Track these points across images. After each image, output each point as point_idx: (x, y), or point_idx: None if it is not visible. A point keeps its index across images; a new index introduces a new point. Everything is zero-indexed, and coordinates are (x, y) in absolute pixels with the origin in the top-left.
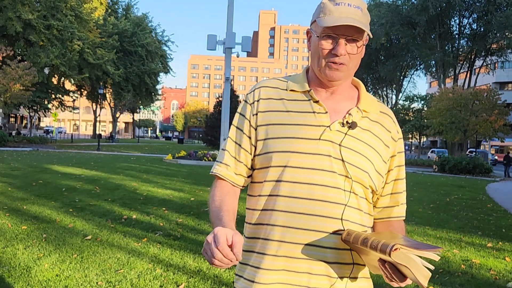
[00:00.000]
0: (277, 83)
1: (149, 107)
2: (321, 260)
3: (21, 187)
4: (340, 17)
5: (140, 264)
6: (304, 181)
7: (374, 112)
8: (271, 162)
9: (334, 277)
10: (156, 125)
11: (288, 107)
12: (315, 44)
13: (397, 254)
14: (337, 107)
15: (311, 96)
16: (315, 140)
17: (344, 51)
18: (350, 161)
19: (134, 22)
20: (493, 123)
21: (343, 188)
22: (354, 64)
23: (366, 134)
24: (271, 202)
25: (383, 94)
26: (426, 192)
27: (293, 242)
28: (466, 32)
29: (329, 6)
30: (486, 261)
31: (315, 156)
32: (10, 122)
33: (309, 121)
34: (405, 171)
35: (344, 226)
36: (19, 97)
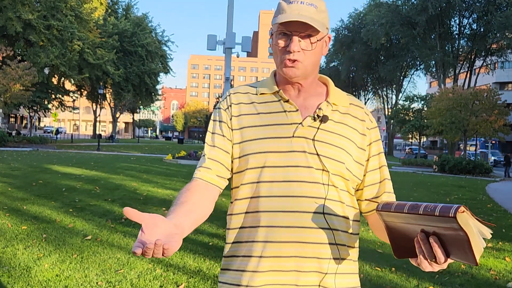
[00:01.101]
0: (247, 88)
1: (149, 107)
2: (309, 256)
3: (21, 187)
4: (291, 14)
5: (140, 264)
6: (281, 179)
7: (344, 104)
8: (247, 164)
9: (323, 272)
10: (156, 125)
11: (259, 110)
12: (273, 43)
13: (462, 216)
14: (306, 103)
15: (280, 96)
16: (288, 138)
17: (297, 48)
18: (325, 154)
19: (134, 22)
20: (493, 123)
21: (321, 182)
22: (311, 61)
23: (339, 126)
24: (252, 204)
25: (383, 94)
26: (426, 192)
27: (278, 241)
28: (466, 32)
29: (283, 5)
30: (486, 261)
31: (290, 154)
32: (10, 122)
33: (281, 120)
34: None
35: (327, 220)
36: (19, 97)
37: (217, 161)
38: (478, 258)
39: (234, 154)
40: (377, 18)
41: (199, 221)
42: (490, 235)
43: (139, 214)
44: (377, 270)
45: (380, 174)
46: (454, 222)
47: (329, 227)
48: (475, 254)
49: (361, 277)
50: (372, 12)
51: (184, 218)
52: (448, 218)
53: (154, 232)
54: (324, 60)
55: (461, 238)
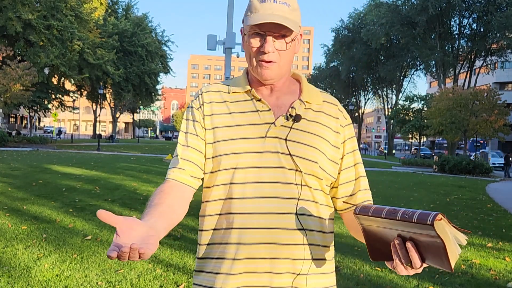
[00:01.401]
0: (220, 87)
1: (149, 107)
2: (282, 258)
3: (21, 187)
4: (265, 14)
5: (140, 264)
6: (254, 180)
7: (317, 102)
8: (220, 165)
9: (296, 273)
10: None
11: (231, 109)
12: (245, 43)
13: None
14: (279, 102)
15: (253, 95)
16: (261, 138)
17: (272, 48)
18: (298, 154)
19: (134, 22)
20: (493, 123)
21: (294, 183)
22: (286, 60)
23: (312, 125)
24: (225, 206)
25: (383, 94)
26: (426, 192)
27: (251, 243)
28: (466, 32)
29: (255, 4)
30: (486, 261)
31: (263, 154)
32: (10, 122)
33: (254, 120)
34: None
35: (300, 221)
36: (19, 97)
37: (190, 161)
38: (453, 265)
39: (207, 154)
40: (377, 18)
41: (174, 223)
42: (466, 242)
43: (113, 217)
44: (377, 270)
45: (355, 171)
46: (431, 229)
47: (302, 227)
48: (451, 260)
49: (361, 277)
50: (372, 12)
51: (159, 220)
52: (425, 226)
53: (130, 236)
54: (324, 60)
55: (438, 245)
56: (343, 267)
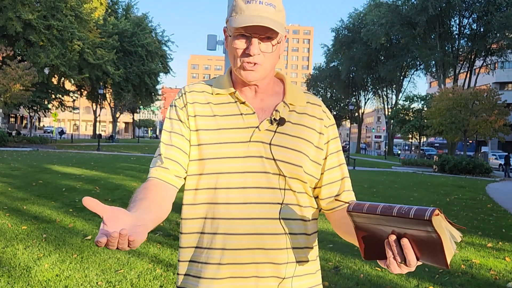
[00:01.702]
0: (203, 87)
1: (149, 107)
2: (267, 262)
3: (21, 187)
4: (251, 15)
5: (140, 264)
6: (238, 185)
7: (301, 104)
8: (204, 169)
9: (281, 277)
10: (156, 125)
11: (215, 111)
12: (229, 44)
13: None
14: (263, 105)
15: (237, 98)
16: (245, 143)
17: (257, 51)
18: (281, 159)
19: (134, 22)
20: (493, 123)
21: (278, 187)
22: (270, 62)
23: (296, 128)
24: (209, 210)
25: (383, 94)
26: (426, 192)
27: (236, 249)
28: (466, 32)
29: (240, 4)
30: (486, 261)
31: (247, 159)
32: (10, 122)
33: (238, 124)
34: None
35: (283, 225)
36: (19, 97)
37: (174, 160)
38: (449, 261)
39: (191, 155)
40: (377, 18)
41: (159, 219)
42: (460, 238)
43: (99, 205)
44: (377, 270)
45: (340, 172)
46: (429, 225)
47: (285, 232)
48: (447, 257)
49: (361, 277)
50: (372, 12)
51: (146, 213)
52: (423, 221)
53: (117, 224)
54: (324, 60)
55: (434, 241)
56: (343, 267)
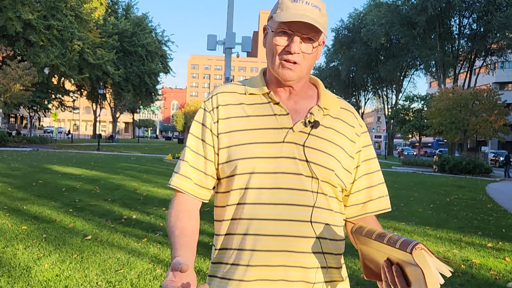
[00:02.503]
0: (235, 87)
1: (149, 107)
2: (297, 266)
3: (21, 187)
4: (297, 13)
5: (140, 264)
6: (270, 186)
7: (335, 109)
8: (236, 170)
9: (310, 282)
10: (156, 125)
11: (248, 112)
12: (270, 40)
13: (418, 253)
14: (297, 107)
15: (270, 98)
16: (278, 143)
17: (298, 49)
18: (315, 161)
19: (134, 22)
20: (493, 123)
21: (310, 190)
22: (308, 64)
23: (329, 132)
24: (239, 211)
25: (383, 94)
26: (426, 192)
27: (266, 250)
28: (466, 32)
29: (287, 2)
30: (486, 261)
31: (280, 160)
32: (10, 122)
33: (271, 124)
34: (378, 164)
35: (314, 229)
36: (19, 97)
37: (199, 170)
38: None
39: (221, 158)
40: (377, 18)
41: (195, 246)
42: (450, 273)
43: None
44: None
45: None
46: (410, 257)
47: (316, 235)
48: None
49: (361, 277)
50: (372, 12)
51: (189, 255)
52: (406, 253)
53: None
54: (324, 60)
55: (418, 272)
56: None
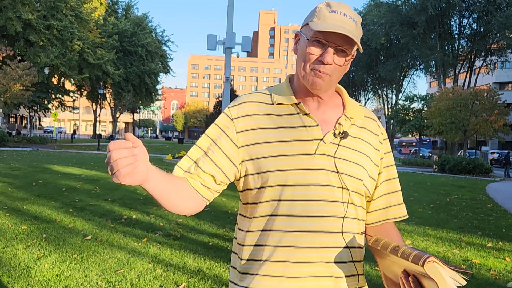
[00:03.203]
0: (260, 97)
1: (149, 107)
2: (328, 275)
3: (21, 187)
4: (334, 24)
5: (140, 264)
6: (302, 198)
7: (359, 117)
8: (267, 182)
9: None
10: (156, 125)
11: (277, 123)
12: (303, 48)
13: (430, 266)
14: (325, 117)
15: (299, 109)
16: (310, 155)
17: (331, 60)
18: (345, 172)
19: (134, 22)
20: (493, 123)
21: (341, 201)
22: (337, 76)
23: (357, 142)
24: (270, 223)
25: (383, 94)
26: (426, 192)
27: (300, 262)
28: (466, 32)
29: (324, 11)
30: (486, 261)
31: (312, 172)
32: (10, 122)
33: (302, 136)
34: (396, 171)
35: (345, 239)
36: (19, 97)
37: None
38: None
39: (249, 170)
40: (377, 18)
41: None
42: (465, 282)
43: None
44: (377, 270)
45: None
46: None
47: (346, 246)
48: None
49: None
50: (372, 12)
51: (162, 175)
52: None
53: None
54: None
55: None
56: None
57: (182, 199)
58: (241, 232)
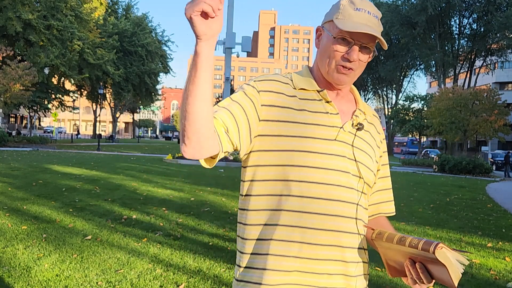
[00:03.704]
0: (284, 79)
1: (149, 107)
2: (339, 259)
3: (21, 187)
4: (360, 23)
5: (140, 264)
6: (320, 181)
7: (369, 114)
8: (287, 161)
9: (349, 275)
10: (156, 125)
11: (301, 106)
12: (327, 44)
13: (440, 252)
14: (343, 108)
15: (322, 97)
16: (331, 140)
17: (357, 58)
18: (361, 161)
19: (134, 22)
20: (493, 123)
21: (356, 188)
22: (360, 71)
23: (367, 135)
24: (282, 202)
25: (383, 94)
26: (426, 192)
27: (314, 243)
28: (466, 32)
29: (348, 9)
30: (486, 261)
31: (331, 157)
32: (10, 122)
33: (323, 121)
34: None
35: (358, 226)
36: (19, 97)
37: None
38: (456, 283)
39: (265, 145)
40: None
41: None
42: (468, 262)
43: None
44: (377, 270)
45: (386, 182)
46: (434, 257)
47: (358, 232)
48: (453, 280)
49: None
50: None
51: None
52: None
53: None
54: None
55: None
56: None
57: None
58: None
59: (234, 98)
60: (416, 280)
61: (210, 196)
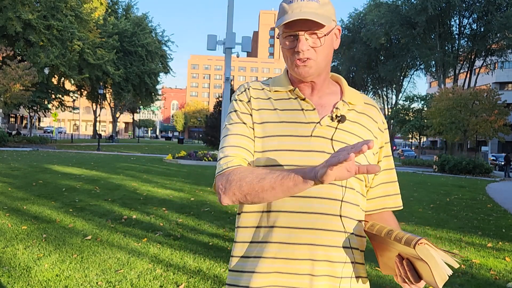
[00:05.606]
0: (262, 85)
1: (149, 107)
2: (323, 259)
3: (21, 187)
4: (294, 13)
5: (140, 264)
6: None
7: (359, 103)
8: (266, 161)
9: (336, 276)
10: (156, 125)
11: (276, 106)
12: (281, 45)
13: (421, 248)
14: (322, 102)
15: (296, 94)
16: (307, 137)
17: (306, 46)
18: None
19: (134, 22)
20: (493, 123)
21: (339, 184)
22: (323, 56)
23: (355, 126)
24: (268, 203)
25: (383, 94)
26: (426, 192)
27: (293, 243)
28: (466, 32)
29: (284, 6)
30: (486, 261)
31: (308, 153)
32: (10, 122)
33: (299, 118)
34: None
35: (344, 223)
36: (19, 97)
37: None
38: (441, 284)
39: (256, 147)
40: (377, 18)
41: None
42: (458, 264)
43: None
44: (377, 270)
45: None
46: (415, 252)
47: (344, 230)
48: (437, 281)
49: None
50: (372, 12)
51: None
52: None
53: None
54: None
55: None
56: None
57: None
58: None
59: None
60: (404, 278)
61: (210, 196)
